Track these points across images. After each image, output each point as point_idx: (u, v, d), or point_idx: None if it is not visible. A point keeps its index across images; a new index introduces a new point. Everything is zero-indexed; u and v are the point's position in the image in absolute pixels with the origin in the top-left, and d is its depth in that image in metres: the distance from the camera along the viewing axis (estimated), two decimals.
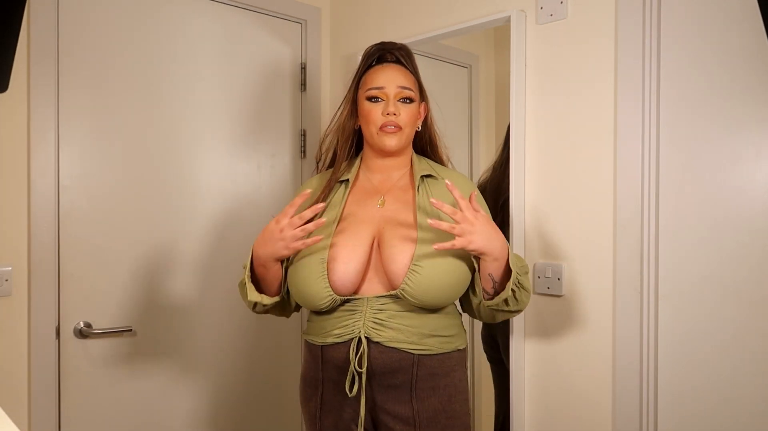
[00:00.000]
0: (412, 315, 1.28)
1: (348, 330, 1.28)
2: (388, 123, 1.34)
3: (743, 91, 1.28)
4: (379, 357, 1.26)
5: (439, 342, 1.31)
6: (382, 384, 1.29)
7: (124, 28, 1.76)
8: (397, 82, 1.36)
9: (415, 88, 1.39)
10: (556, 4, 1.55)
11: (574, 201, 1.53)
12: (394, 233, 1.31)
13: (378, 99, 1.36)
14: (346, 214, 1.37)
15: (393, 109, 1.34)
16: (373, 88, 1.36)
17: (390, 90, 1.35)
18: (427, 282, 1.24)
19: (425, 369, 1.29)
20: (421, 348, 1.28)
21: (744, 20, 1.27)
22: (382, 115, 1.34)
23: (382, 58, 1.41)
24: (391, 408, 1.29)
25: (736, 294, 1.29)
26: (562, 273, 1.55)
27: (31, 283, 1.59)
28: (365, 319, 1.27)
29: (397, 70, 1.38)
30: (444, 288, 1.26)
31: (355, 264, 1.28)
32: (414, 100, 1.38)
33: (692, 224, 1.35)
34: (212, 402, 1.95)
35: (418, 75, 1.43)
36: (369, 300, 1.29)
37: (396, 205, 1.36)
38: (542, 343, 1.60)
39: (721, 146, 1.31)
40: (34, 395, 1.60)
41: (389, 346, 1.26)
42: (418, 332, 1.28)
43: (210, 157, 1.94)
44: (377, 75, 1.38)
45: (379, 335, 1.26)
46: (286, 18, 2.11)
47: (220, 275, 1.96)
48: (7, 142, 1.57)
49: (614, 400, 1.46)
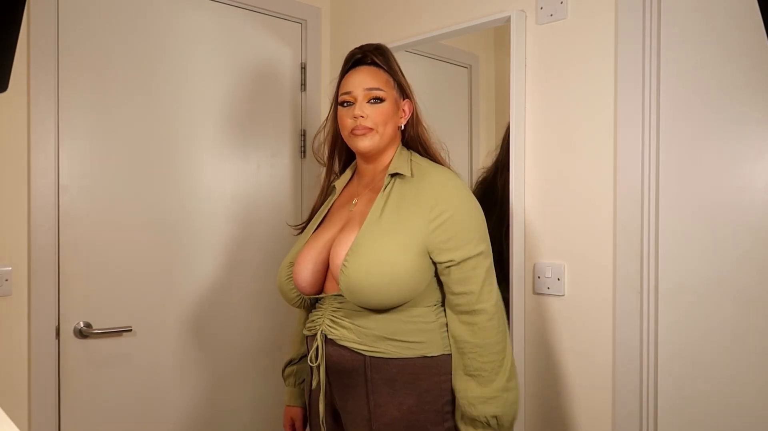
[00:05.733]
0: (367, 316, 1.27)
1: (315, 325, 1.36)
2: (356, 127, 1.34)
3: (743, 91, 1.28)
4: (334, 354, 1.30)
5: (396, 347, 1.26)
6: (341, 382, 1.32)
7: (124, 28, 1.76)
8: (364, 84, 1.36)
9: (387, 87, 1.37)
10: (556, 4, 1.55)
11: (574, 201, 1.53)
12: (343, 234, 1.33)
13: (348, 103, 1.37)
14: (327, 218, 1.44)
15: (358, 112, 1.34)
16: (343, 93, 1.38)
17: (358, 92, 1.36)
18: (353, 280, 1.22)
19: (381, 373, 1.26)
20: (373, 350, 1.26)
21: (744, 20, 1.27)
22: (351, 119, 1.35)
23: (361, 61, 1.42)
24: (350, 407, 1.31)
25: (736, 294, 1.29)
26: (562, 273, 1.55)
27: (31, 283, 1.59)
28: (325, 316, 1.33)
29: (366, 72, 1.38)
30: (375, 286, 1.22)
31: (311, 265, 1.35)
32: (384, 100, 1.36)
33: (692, 224, 1.35)
34: (212, 402, 1.95)
35: (396, 73, 1.40)
36: (329, 299, 1.34)
37: (361, 207, 1.38)
38: (542, 343, 1.60)
39: (721, 146, 1.31)
40: (34, 395, 1.60)
41: (341, 344, 1.29)
42: (370, 334, 1.27)
43: (210, 157, 1.94)
44: (347, 80, 1.39)
45: (332, 333, 1.30)
46: (286, 18, 2.11)
47: (220, 275, 1.96)
48: (7, 142, 1.57)
49: (614, 400, 1.46)
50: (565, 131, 1.55)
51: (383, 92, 1.36)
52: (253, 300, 2.04)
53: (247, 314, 2.02)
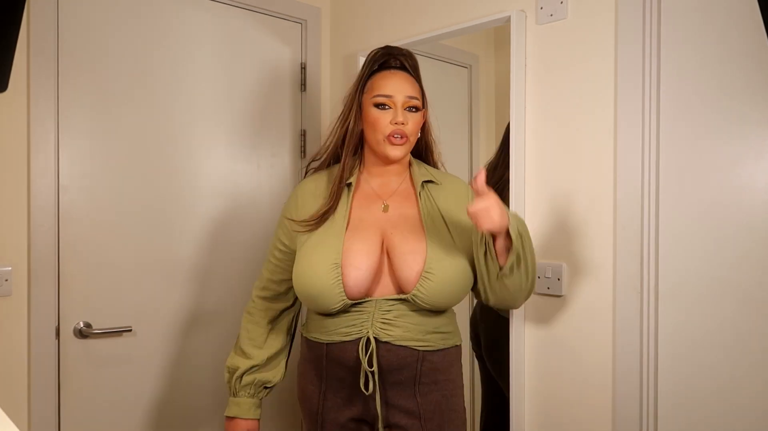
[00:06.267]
0: (418, 314, 1.33)
1: (356, 329, 1.31)
2: (396, 132, 1.33)
3: (744, 91, 1.28)
4: (387, 355, 1.30)
5: (440, 339, 1.36)
6: (389, 381, 1.32)
7: (124, 28, 1.76)
8: (406, 92, 1.36)
9: (420, 97, 1.39)
10: (556, 4, 1.55)
11: (574, 201, 1.53)
12: (402, 239, 1.34)
13: (386, 106, 1.35)
14: (352, 217, 1.38)
15: (402, 119, 1.33)
16: (381, 95, 1.35)
17: (398, 98, 1.34)
18: (439, 288, 1.29)
19: (428, 365, 1.34)
20: (425, 344, 1.33)
21: (744, 20, 1.27)
22: (390, 124, 1.34)
23: (387, 63, 1.40)
24: (397, 403, 1.34)
25: (736, 294, 1.29)
26: (562, 273, 1.55)
27: (31, 283, 1.59)
28: (373, 320, 1.30)
29: (405, 79, 1.38)
30: (454, 292, 1.33)
31: (368, 270, 1.31)
32: (420, 109, 1.38)
33: (692, 224, 1.35)
34: (212, 401, 1.95)
35: (422, 83, 1.43)
36: (378, 302, 1.31)
37: (400, 211, 1.39)
38: (542, 343, 1.60)
39: (721, 146, 1.31)
40: (34, 395, 1.60)
41: (397, 344, 1.30)
42: (422, 329, 1.33)
43: (210, 157, 1.94)
44: (385, 82, 1.36)
45: (387, 334, 1.30)
46: (286, 18, 2.11)
47: (220, 275, 1.96)
48: (7, 142, 1.57)
49: (614, 400, 1.46)
50: (565, 131, 1.55)
51: (419, 102, 1.38)
52: None
53: None
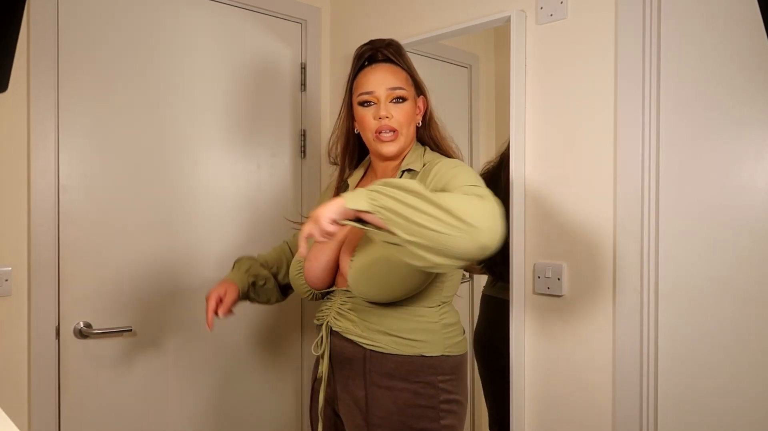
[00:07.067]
0: (372, 311, 1.30)
1: (322, 315, 1.41)
2: (382, 128, 1.32)
3: (744, 91, 1.28)
4: (338, 344, 1.35)
5: (396, 343, 1.29)
6: (342, 372, 1.35)
7: (124, 28, 1.76)
8: (387, 84, 1.33)
9: (407, 85, 1.35)
10: (556, 4, 1.55)
11: (574, 201, 1.53)
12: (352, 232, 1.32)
13: (370, 103, 1.34)
14: None
15: (384, 112, 1.31)
16: (363, 92, 1.35)
17: (380, 92, 1.33)
18: (357, 275, 1.26)
19: (379, 367, 1.29)
20: (371, 343, 1.30)
21: (744, 20, 1.27)
22: (375, 119, 1.33)
23: (373, 57, 1.38)
24: (348, 397, 1.34)
25: (736, 294, 1.29)
26: (562, 273, 1.55)
27: (31, 283, 1.59)
28: (332, 309, 1.37)
29: (386, 71, 1.35)
30: (379, 278, 1.23)
31: (322, 262, 1.35)
32: (407, 99, 1.34)
33: (692, 224, 1.35)
34: (212, 401, 1.95)
35: (412, 70, 1.39)
36: (338, 293, 1.38)
37: None
38: (542, 343, 1.60)
39: (721, 146, 1.31)
40: (34, 395, 1.60)
41: (344, 336, 1.33)
42: (373, 328, 1.30)
43: (210, 157, 1.94)
44: (366, 78, 1.36)
45: (336, 325, 1.34)
46: (286, 18, 2.11)
47: (220, 274, 1.96)
48: (7, 142, 1.57)
49: (614, 400, 1.46)
50: (565, 131, 1.55)
51: (405, 91, 1.34)
52: None
53: (248, 314, 2.02)
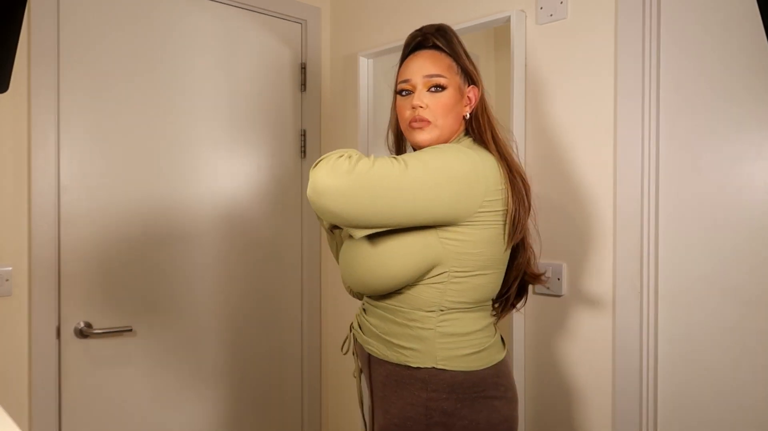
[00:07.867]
0: (374, 311, 1.26)
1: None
2: (414, 118, 1.22)
3: (743, 91, 1.28)
4: (357, 345, 1.34)
5: (385, 348, 1.21)
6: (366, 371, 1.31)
7: (124, 29, 1.76)
8: (423, 71, 1.22)
9: (449, 73, 1.23)
10: (556, 4, 1.55)
11: (574, 201, 1.53)
12: None
13: (408, 92, 1.25)
14: None
15: (417, 101, 1.21)
16: (401, 80, 1.25)
17: (416, 80, 1.22)
18: (342, 266, 1.25)
19: (378, 373, 1.23)
20: (369, 347, 1.25)
21: (744, 20, 1.27)
22: (408, 110, 1.23)
23: (421, 44, 1.27)
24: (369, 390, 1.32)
25: (736, 294, 1.29)
26: (562, 273, 1.55)
27: (31, 283, 1.59)
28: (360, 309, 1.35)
29: (426, 57, 1.24)
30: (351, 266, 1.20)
31: None
32: (446, 87, 1.22)
33: (692, 224, 1.35)
34: (212, 401, 1.95)
35: (460, 56, 1.26)
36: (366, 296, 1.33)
37: None
38: (542, 343, 1.60)
39: (721, 146, 1.31)
40: (34, 395, 1.60)
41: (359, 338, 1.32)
42: (373, 331, 1.25)
43: (210, 157, 1.94)
44: (406, 66, 1.27)
45: (354, 326, 1.35)
46: (286, 18, 2.11)
47: (220, 274, 1.96)
48: (7, 142, 1.57)
49: (614, 400, 1.46)
50: (565, 131, 1.55)
51: (445, 79, 1.22)
52: (253, 300, 2.04)
53: (247, 314, 2.02)
